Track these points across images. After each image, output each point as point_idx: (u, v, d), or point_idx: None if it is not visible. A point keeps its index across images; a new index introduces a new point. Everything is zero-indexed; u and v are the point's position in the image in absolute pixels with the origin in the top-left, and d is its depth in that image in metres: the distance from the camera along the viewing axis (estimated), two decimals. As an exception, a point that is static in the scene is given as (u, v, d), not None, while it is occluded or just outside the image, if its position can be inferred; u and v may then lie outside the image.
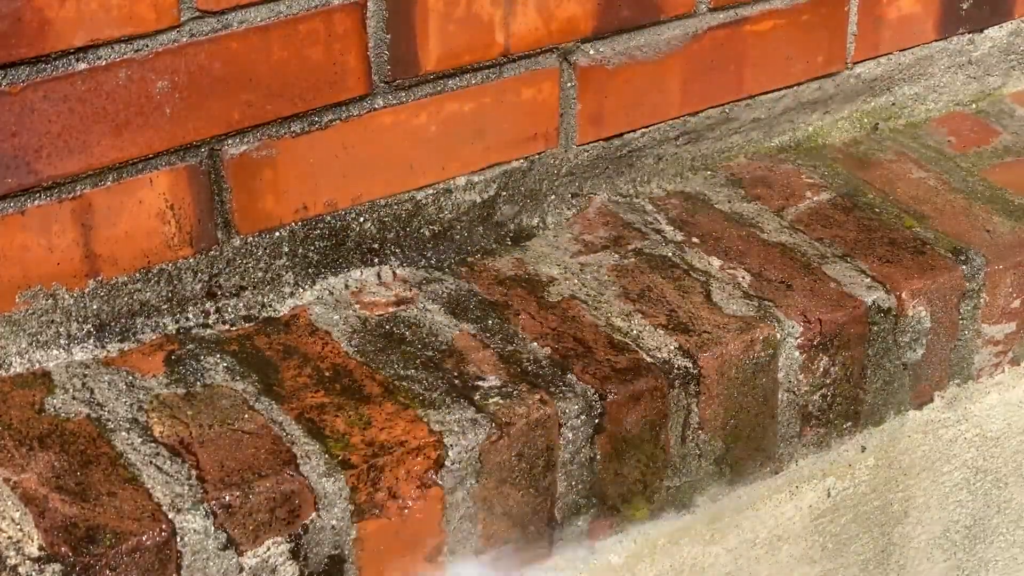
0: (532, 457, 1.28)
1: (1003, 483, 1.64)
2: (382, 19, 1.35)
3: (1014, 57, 1.78)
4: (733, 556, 1.46)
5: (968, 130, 1.73)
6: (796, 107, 1.65)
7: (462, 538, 1.28)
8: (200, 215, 1.33)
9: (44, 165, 1.24)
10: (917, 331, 1.47)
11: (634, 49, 1.50)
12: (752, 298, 1.42)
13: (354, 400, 1.27)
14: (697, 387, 1.35)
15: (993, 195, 1.60)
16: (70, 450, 1.20)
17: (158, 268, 1.33)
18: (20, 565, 1.10)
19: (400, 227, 1.44)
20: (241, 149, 1.33)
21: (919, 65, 1.71)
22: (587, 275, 1.45)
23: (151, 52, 1.25)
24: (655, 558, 1.40)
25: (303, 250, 1.39)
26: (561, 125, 1.49)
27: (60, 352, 1.30)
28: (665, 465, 1.36)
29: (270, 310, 1.39)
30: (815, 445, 1.46)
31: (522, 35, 1.42)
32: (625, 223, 1.53)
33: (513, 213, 1.50)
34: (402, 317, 1.38)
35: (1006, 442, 1.62)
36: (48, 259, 1.27)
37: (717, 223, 1.53)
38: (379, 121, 1.39)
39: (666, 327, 1.38)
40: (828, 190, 1.59)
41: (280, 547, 1.19)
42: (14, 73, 1.20)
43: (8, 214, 1.24)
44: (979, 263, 1.49)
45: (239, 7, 1.27)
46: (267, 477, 1.19)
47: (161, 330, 1.35)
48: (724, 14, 1.54)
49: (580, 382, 1.31)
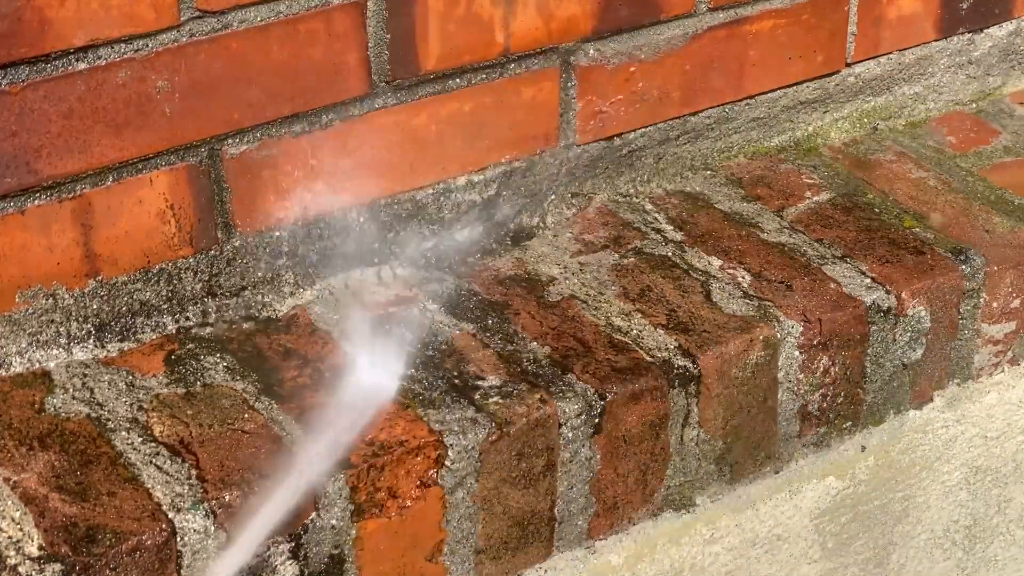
0: (532, 457, 1.28)
1: (1003, 483, 1.64)
2: (382, 19, 1.35)
3: (1014, 57, 1.78)
4: (733, 556, 1.46)
5: (968, 130, 1.73)
6: (796, 107, 1.65)
7: (462, 538, 1.28)
8: (200, 215, 1.33)
9: (44, 165, 1.24)
10: (917, 331, 1.47)
11: (634, 49, 1.50)
12: (752, 298, 1.42)
13: (354, 400, 1.28)
14: (697, 387, 1.35)
15: (993, 195, 1.60)
16: (70, 450, 1.20)
17: (158, 268, 1.33)
18: (20, 565, 1.10)
19: (400, 227, 1.44)
20: (241, 149, 1.33)
21: (919, 65, 1.71)
22: (587, 275, 1.45)
23: (151, 52, 1.25)
24: (655, 558, 1.40)
25: (303, 250, 1.39)
26: (561, 125, 1.49)
27: (60, 352, 1.30)
28: (665, 465, 1.36)
29: (270, 310, 1.39)
30: (815, 445, 1.46)
31: (522, 35, 1.42)
32: (625, 223, 1.53)
33: (513, 213, 1.50)
34: (402, 317, 1.38)
35: (1006, 442, 1.62)
36: (48, 259, 1.27)
37: (717, 223, 1.53)
38: (379, 121, 1.39)
39: (666, 327, 1.38)
40: (828, 190, 1.59)
41: (280, 546, 1.19)
42: (14, 73, 1.20)
43: (8, 214, 1.24)
44: (979, 263, 1.49)
45: (239, 7, 1.27)
46: (267, 477, 1.19)
47: (161, 330, 1.35)
48: (724, 14, 1.54)
49: (580, 382, 1.31)
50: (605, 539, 1.37)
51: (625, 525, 1.37)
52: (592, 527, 1.35)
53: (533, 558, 1.33)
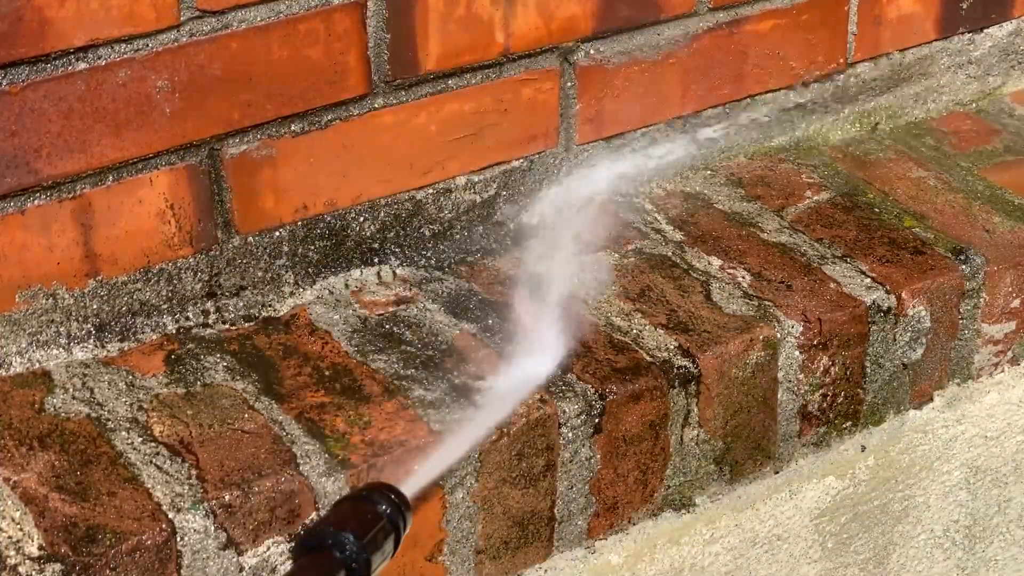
0: (532, 457, 1.28)
1: (1003, 483, 1.64)
2: (382, 19, 1.35)
3: (1014, 57, 1.78)
4: (733, 556, 1.46)
5: (968, 130, 1.72)
6: (796, 107, 1.65)
7: (462, 537, 1.28)
8: (200, 215, 1.33)
9: (44, 165, 1.24)
10: (917, 331, 1.47)
11: (634, 49, 1.50)
12: (752, 298, 1.42)
13: (354, 400, 1.27)
14: (697, 387, 1.35)
15: (993, 195, 1.60)
16: (70, 450, 1.20)
17: (158, 268, 1.33)
18: (20, 565, 1.10)
19: (400, 227, 1.44)
20: (241, 149, 1.33)
21: (919, 65, 1.71)
22: (587, 275, 1.45)
23: (151, 52, 1.25)
24: (655, 558, 1.40)
25: (303, 250, 1.39)
26: (561, 125, 1.49)
27: (60, 352, 1.30)
28: (665, 465, 1.36)
29: (270, 310, 1.39)
30: (815, 445, 1.46)
31: (522, 35, 1.42)
32: (625, 223, 1.53)
33: (513, 213, 1.50)
34: (402, 316, 1.38)
35: (1006, 442, 1.62)
36: (48, 259, 1.27)
37: (717, 223, 1.53)
38: (379, 121, 1.39)
39: (666, 327, 1.38)
40: (828, 190, 1.59)
41: (280, 547, 1.19)
42: (14, 73, 1.20)
43: (8, 213, 1.24)
44: (979, 263, 1.49)
45: (239, 7, 1.27)
46: (267, 477, 1.19)
47: (161, 330, 1.35)
48: (724, 14, 1.54)
49: (580, 382, 1.31)
50: (605, 539, 1.37)
51: (625, 525, 1.37)
52: (592, 527, 1.35)
53: (533, 558, 1.33)
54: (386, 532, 1.01)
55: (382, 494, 1.03)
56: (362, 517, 1.01)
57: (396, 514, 1.02)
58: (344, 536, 0.98)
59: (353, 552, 0.98)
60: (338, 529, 0.99)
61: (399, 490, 1.04)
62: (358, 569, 0.98)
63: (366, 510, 1.01)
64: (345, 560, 0.98)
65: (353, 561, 0.98)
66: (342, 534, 0.98)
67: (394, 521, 1.02)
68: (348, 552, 0.98)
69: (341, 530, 0.99)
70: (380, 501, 1.02)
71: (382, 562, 1.00)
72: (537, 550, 1.33)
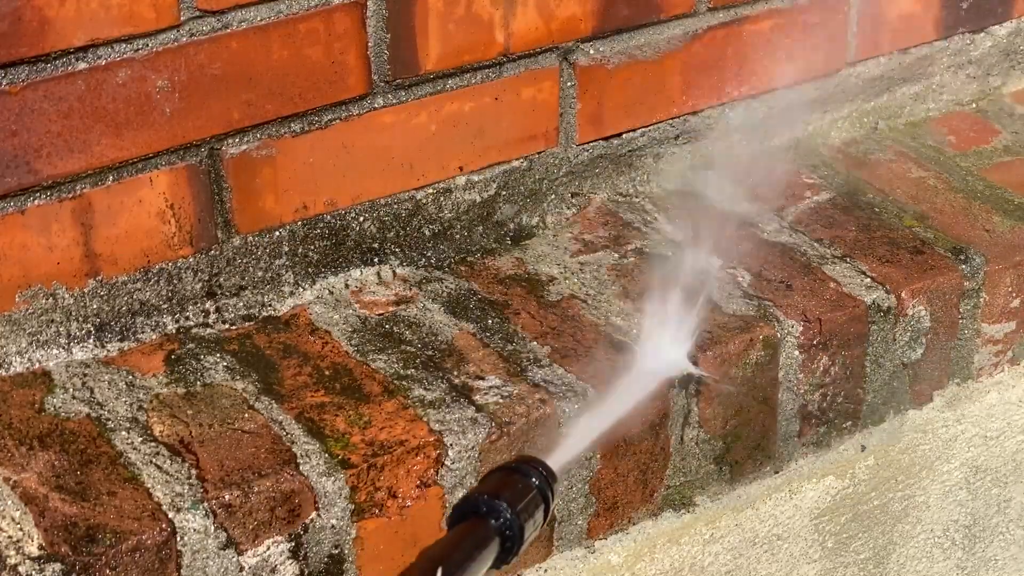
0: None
1: (1003, 482, 1.64)
2: (382, 19, 1.35)
3: (1014, 57, 1.78)
4: (733, 555, 1.46)
5: (968, 130, 1.73)
6: (796, 106, 1.65)
7: (462, 537, 1.28)
8: (200, 215, 1.33)
9: (44, 164, 1.24)
10: (917, 331, 1.47)
11: (634, 49, 1.50)
12: (752, 298, 1.42)
13: (354, 399, 1.28)
14: (697, 387, 1.35)
15: (993, 195, 1.60)
16: (70, 449, 1.20)
17: (158, 267, 1.33)
18: (20, 564, 1.10)
19: (400, 226, 1.44)
20: (241, 149, 1.33)
21: (919, 65, 1.71)
22: (587, 274, 1.45)
23: (151, 52, 1.25)
24: (655, 558, 1.40)
25: (303, 249, 1.39)
26: (561, 125, 1.49)
27: (60, 351, 1.30)
28: (665, 465, 1.36)
29: (270, 309, 1.39)
30: (815, 444, 1.46)
31: (522, 34, 1.42)
32: (625, 222, 1.53)
33: (513, 213, 1.50)
34: (402, 316, 1.38)
35: (1006, 441, 1.62)
36: (48, 258, 1.27)
37: (717, 223, 1.53)
38: (379, 121, 1.39)
39: (666, 327, 1.38)
40: (828, 190, 1.59)
41: (280, 546, 1.19)
42: (14, 73, 1.20)
43: (8, 213, 1.24)
44: (979, 262, 1.49)
45: (239, 7, 1.27)
46: (267, 476, 1.19)
47: (161, 329, 1.35)
48: (724, 13, 1.54)
49: (580, 382, 1.31)
50: (605, 539, 1.37)
51: (625, 525, 1.37)
52: (592, 527, 1.35)
53: (533, 558, 1.33)
54: (536, 503, 1.00)
55: (531, 466, 1.02)
56: (514, 487, 1.00)
57: (545, 485, 1.01)
58: (499, 503, 0.97)
59: (507, 519, 0.97)
60: (492, 497, 0.98)
61: (547, 463, 1.03)
62: (512, 535, 0.97)
63: (517, 480, 1.01)
64: (500, 527, 0.97)
65: (507, 528, 0.97)
66: (496, 501, 0.98)
67: (544, 493, 1.01)
68: (503, 520, 0.97)
69: (495, 498, 0.98)
70: (530, 472, 1.01)
71: (534, 531, 1.00)
72: (537, 550, 1.33)
